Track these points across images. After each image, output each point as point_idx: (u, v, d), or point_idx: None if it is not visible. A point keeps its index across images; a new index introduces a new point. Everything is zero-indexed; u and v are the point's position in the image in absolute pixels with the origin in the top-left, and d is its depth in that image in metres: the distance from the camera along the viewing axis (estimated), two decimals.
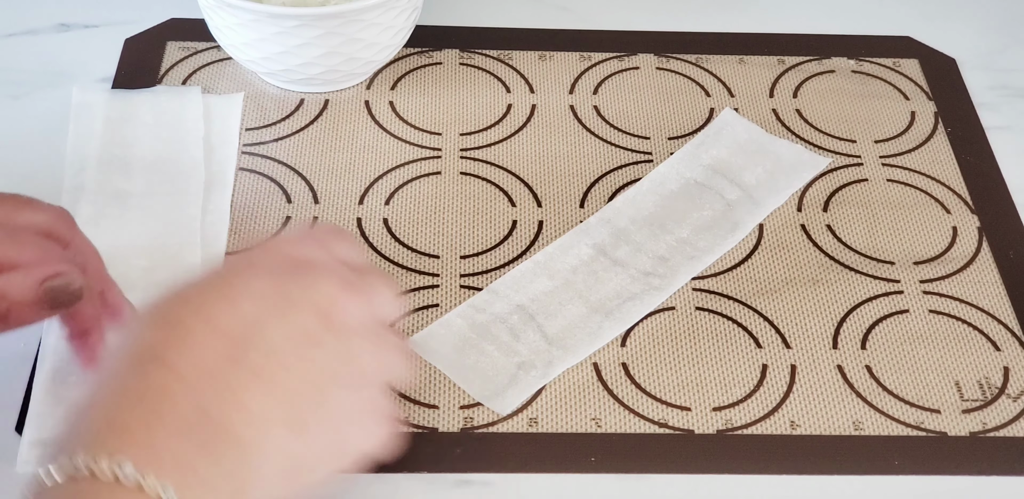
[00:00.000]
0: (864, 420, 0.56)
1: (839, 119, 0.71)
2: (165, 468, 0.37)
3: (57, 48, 0.72)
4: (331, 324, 0.43)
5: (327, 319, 0.43)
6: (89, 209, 0.61)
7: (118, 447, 0.37)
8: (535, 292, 0.59)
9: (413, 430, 0.54)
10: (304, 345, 0.43)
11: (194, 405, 0.39)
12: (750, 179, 0.66)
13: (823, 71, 0.74)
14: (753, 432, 0.55)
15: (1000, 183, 0.68)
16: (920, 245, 0.64)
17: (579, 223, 0.63)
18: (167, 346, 0.41)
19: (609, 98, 0.71)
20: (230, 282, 0.44)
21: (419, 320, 0.59)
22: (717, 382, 0.57)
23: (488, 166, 0.66)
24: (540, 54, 0.74)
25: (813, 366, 0.58)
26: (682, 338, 0.59)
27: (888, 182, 0.67)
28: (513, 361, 0.56)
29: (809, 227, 0.65)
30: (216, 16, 0.65)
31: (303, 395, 0.42)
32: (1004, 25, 0.79)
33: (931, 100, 0.73)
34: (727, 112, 0.69)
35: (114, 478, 0.36)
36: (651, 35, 0.76)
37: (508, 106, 0.70)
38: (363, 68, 0.68)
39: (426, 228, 0.63)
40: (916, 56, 0.76)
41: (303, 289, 0.44)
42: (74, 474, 0.37)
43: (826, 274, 0.62)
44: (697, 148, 0.67)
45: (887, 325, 0.60)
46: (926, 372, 0.58)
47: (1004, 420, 0.56)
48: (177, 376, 0.40)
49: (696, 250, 0.62)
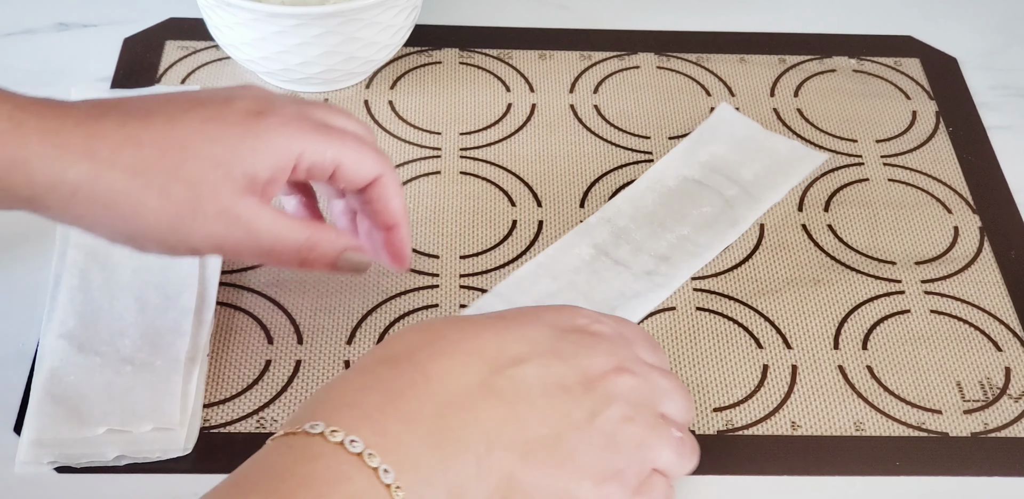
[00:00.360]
0: (865, 420, 0.56)
1: (840, 118, 0.71)
2: (392, 454, 0.39)
3: (56, 47, 0.72)
4: (591, 386, 0.45)
5: (588, 382, 0.45)
6: None
7: (354, 425, 0.39)
8: (539, 294, 0.59)
9: None
10: (555, 390, 0.44)
11: (434, 407, 0.41)
12: (748, 175, 0.66)
13: (824, 70, 0.74)
14: (754, 433, 0.55)
15: (1001, 183, 0.68)
16: (921, 245, 0.64)
17: (579, 223, 0.63)
18: (425, 354, 0.43)
19: (609, 97, 0.71)
20: (508, 324, 0.46)
21: (419, 320, 0.58)
22: (717, 382, 0.57)
23: (488, 166, 0.66)
24: (540, 53, 0.74)
25: (814, 366, 0.58)
26: (682, 338, 0.59)
27: (889, 182, 0.67)
28: None
29: (810, 227, 0.64)
30: (215, 15, 0.65)
31: (537, 429, 0.43)
32: (1005, 24, 0.79)
33: (932, 99, 0.73)
34: (724, 107, 0.69)
35: (342, 457, 0.39)
36: (651, 34, 0.75)
37: (508, 105, 0.70)
38: (362, 67, 0.68)
39: (426, 228, 0.63)
40: (917, 55, 0.75)
41: (577, 348, 0.45)
42: (308, 441, 0.39)
43: (827, 274, 0.62)
44: (694, 144, 0.67)
45: (888, 325, 0.60)
46: (927, 372, 0.58)
47: (1006, 420, 0.56)
48: (425, 378, 0.42)
49: (697, 246, 0.62)
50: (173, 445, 0.51)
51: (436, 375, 0.42)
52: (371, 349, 0.46)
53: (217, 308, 0.58)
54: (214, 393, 0.55)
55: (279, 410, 0.54)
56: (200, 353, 0.55)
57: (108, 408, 0.52)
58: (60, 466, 0.51)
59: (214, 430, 0.53)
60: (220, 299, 0.58)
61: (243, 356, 0.56)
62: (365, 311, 0.58)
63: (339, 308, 0.59)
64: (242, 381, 0.55)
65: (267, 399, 0.55)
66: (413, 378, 0.42)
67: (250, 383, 0.55)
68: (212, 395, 0.54)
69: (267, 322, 0.58)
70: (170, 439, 0.51)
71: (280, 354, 0.57)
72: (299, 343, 0.57)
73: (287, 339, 0.57)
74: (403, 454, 0.40)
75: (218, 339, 0.57)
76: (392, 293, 0.59)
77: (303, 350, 0.57)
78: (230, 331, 0.57)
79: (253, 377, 0.55)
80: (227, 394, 0.55)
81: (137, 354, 0.54)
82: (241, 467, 0.40)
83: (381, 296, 0.59)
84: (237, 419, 0.54)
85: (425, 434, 0.40)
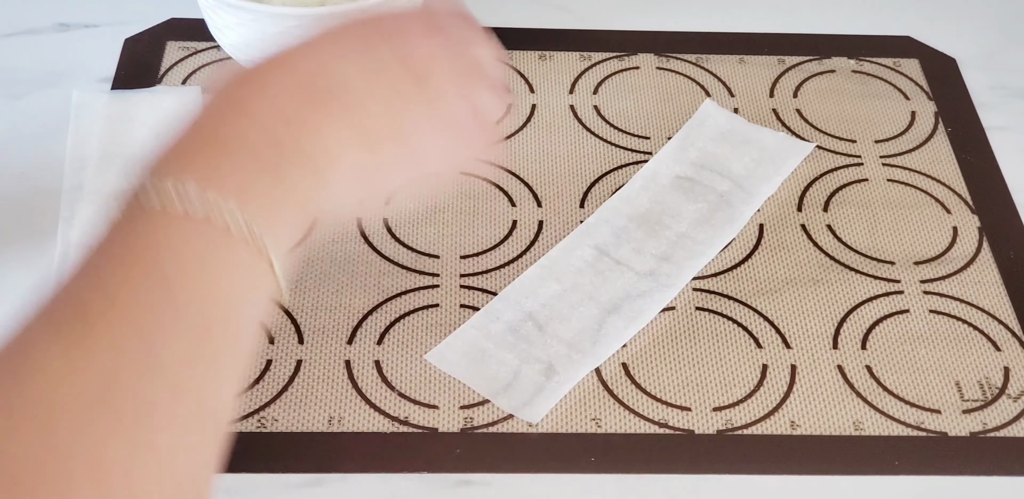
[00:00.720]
0: (864, 420, 0.56)
1: (839, 119, 0.71)
2: (227, 187, 0.37)
3: (57, 48, 0.72)
4: (411, 63, 0.43)
5: (406, 60, 0.43)
6: (89, 209, 0.61)
7: (182, 170, 0.37)
8: (545, 297, 0.59)
9: (413, 430, 0.54)
10: (379, 78, 0.42)
11: (267, 139, 0.39)
12: (739, 169, 0.66)
13: (823, 71, 0.74)
14: (753, 432, 0.55)
15: (1000, 183, 0.68)
16: (920, 245, 0.64)
17: (579, 223, 0.63)
18: (247, 95, 0.41)
19: (609, 98, 0.71)
20: (317, 39, 0.44)
21: (420, 320, 0.58)
22: (717, 382, 0.57)
23: (488, 166, 0.66)
24: (540, 54, 0.74)
25: (813, 366, 0.58)
26: (682, 338, 0.59)
27: (888, 182, 0.67)
28: (535, 368, 0.56)
29: (809, 227, 0.65)
30: (216, 16, 0.65)
31: (375, 118, 0.42)
32: (1004, 25, 0.79)
33: (931, 100, 0.73)
34: (708, 104, 0.69)
35: (183, 209, 0.36)
36: (651, 35, 0.76)
37: (508, 106, 0.70)
38: None
39: (426, 228, 0.63)
40: (916, 56, 0.76)
41: (385, 35, 0.44)
42: (145, 203, 0.37)
43: (826, 274, 0.62)
44: (683, 141, 0.67)
45: (887, 325, 0.60)
46: (926, 372, 0.58)
47: (1004, 420, 0.56)
48: (251, 119, 0.40)
49: (697, 243, 0.62)
50: None
51: (261, 111, 0.40)
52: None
53: None
54: None
55: (280, 410, 0.54)
56: None
57: None
58: None
59: None
60: None
61: None
62: (365, 311, 0.59)
63: (339, 307, 0.59)
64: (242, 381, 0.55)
65: (268, 399, 0.55)
66: (238, 120, 0.40)
67: (251, 383, 0.55)
68: None
69: (268, 322, 0.58)
70: None
71: (281, 354, 0.57)
72: (300, 343, 0.57)
73: (288, 339, 0.57)
74: (240, 183, 0.38)
75: None
76: (392, 293, 0.60)
77: (304, 350, 0.57)
78: None
79: (254, 377, 0.56)
80: None
81: None
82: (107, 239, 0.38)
83: (381, 296, 0.59)
84: (238, 419, 0.54)
85: (259, 159, 0.39)
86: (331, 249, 0.61)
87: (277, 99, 0.41)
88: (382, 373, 0.56)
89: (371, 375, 0.56)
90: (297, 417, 0.54)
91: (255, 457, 0.53)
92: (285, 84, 0.41)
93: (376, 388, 0.56)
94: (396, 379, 0.56)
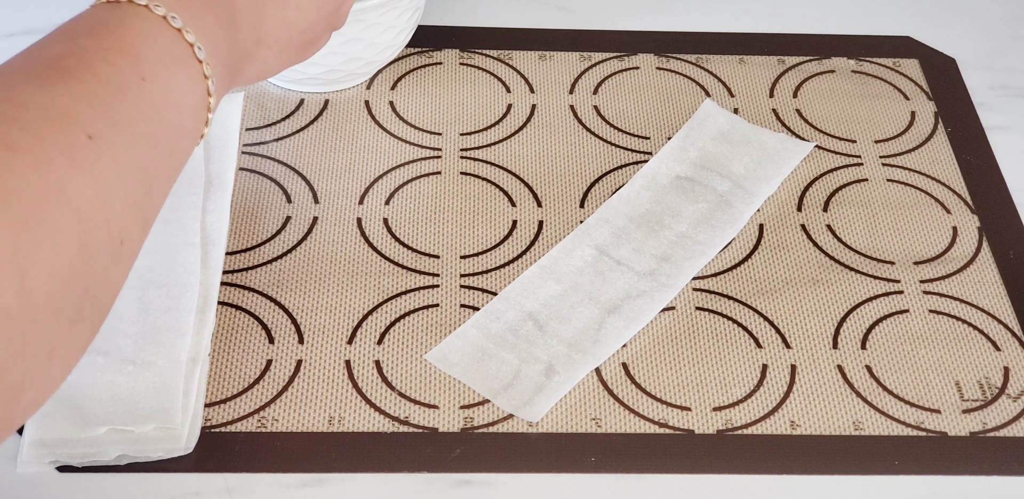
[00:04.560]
0: (864, 420, 0.56)
1: (839, 119, 0.71)
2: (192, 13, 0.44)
3: None
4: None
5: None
6: None
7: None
8: (545, 297, 0.59)
9: (413, 430, 0.54)
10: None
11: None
12: (739, 169, 0.66)
13: (823, 71, 0.74)
14: (753, 432, 0.55)
15: (1000, 183, 0.68)
16: (920, 245, 0.64)
17: (579, 223, 0.63)
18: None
19: (609, 98, 0.71)
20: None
21: (420, 320, 0.59)
22: (717, 382, 0.57)
23: (488, 166, 0.66)
24: (540, 54, 0.74)
25: (813, 366, 0.58)
26: (682, 338, 0.59)
27: (888, 182, 0.67)
28: (535, 368, 0.56)
29: (809, 227, 0.65)
30: None
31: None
32: (1004, 25, 0.79)
33: (931, 100, 0.73)
34: (708, 104, 0.70)
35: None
36: (651, 35, 0.76)
37: (508, 106, 0.70)
38: (364, 68, 0.68)
39: (426, 228, 0.63)
40: (916, 56, 0.76)
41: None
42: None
43: (826, 274, 0.62)
44: (683, 141, 0.67)
45: (887, 325, 0.60)
46: (926, 372, 0.58)
47: (1004, 420, 0.56)
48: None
49: (697, 244, 0.62)
50: (175, 444, 0.52)
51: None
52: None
53: (218, 308, 0.58)
54: (215, 393, 0.55)
55: (280, 409, 0.54)
56: (202, 353, 0.55)
57: (110, 408, 0.52)
58: (61, 465, 0.51)
59: (215, 429, 0.53)
60: (222, 299, 0.58)
61: (244, 356, 0.56)
62: (366, 311, 0.59)
63: (340, 308, 0.59)
64: (243, 381, 0.55)
65: (268, 398, 0.55)
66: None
67: (251, 383, 0.55)
68: (213, 395, 0.55)
69: (268, 322, 0.58)
70: (172, 438, 0.52)
71: (281, 354, 0.57)
72: (300, 343, 0.57)
73: (288, 339, 0.57)
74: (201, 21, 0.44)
75: (219, 339, 0.57)
76: (392, 293, 0.60)
77: (304, 350, 0.57)
78: (231, 331, 0.57)
79: (254, 377, 0.56)
80: (228, 394, 0.55)
81: (139, 354, 0.54)
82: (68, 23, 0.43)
83: (381, 296, 0.59)
84: (238, 418, 0.54)
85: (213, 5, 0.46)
86: (331, 249, 0.61)
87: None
88: (382, 373, 0.56)
89: (371, 375, 0.56)
90: (297, 417, 0.54)
91: (255, 457, 0.53)
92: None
93: (376, 388, 0.56)
94: (396, 379, 0.56)
